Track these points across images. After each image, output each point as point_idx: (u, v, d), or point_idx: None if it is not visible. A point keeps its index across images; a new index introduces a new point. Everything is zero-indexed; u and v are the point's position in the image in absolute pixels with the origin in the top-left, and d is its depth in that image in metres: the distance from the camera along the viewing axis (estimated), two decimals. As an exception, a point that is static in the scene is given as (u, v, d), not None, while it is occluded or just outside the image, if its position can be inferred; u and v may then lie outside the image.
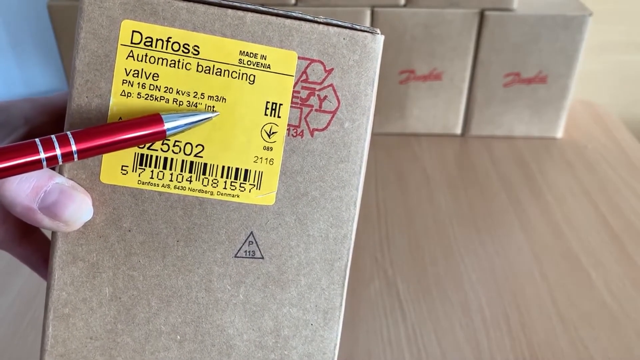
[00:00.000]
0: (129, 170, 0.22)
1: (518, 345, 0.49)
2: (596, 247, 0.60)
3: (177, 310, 0.24)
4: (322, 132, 0.23)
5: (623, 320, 0.51)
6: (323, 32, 0.23)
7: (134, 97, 0.22)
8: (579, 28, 0.71)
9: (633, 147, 0.79)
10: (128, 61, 0.22)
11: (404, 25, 0.72)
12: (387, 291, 0.54)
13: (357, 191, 0.24)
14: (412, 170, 0.73)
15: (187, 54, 0.22)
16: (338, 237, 0.24)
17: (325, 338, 0.25)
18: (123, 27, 0.22)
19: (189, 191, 0.23)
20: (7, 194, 0.20)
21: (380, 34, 0.24)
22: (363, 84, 0.24)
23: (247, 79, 0.22)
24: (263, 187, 0.23)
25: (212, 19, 0.22)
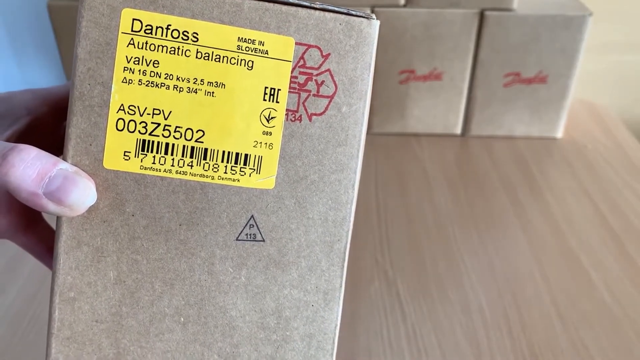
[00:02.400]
0: (132, 155, 0.23)
1: (518, 345, 0.49)
2: (596, 247, 0.60)
3: (181, 292, 0.24)
4: (320, 117, 0.24)
5: (623, 320, 0.51)
6: (320, 17, 0.23)
7: (135, 83, 0.22)
8: (579, 28, 0.71)
9: (633, 147, 0.79)
10: (129, 49, 0.22)
11: (404, 25, 0.72)
12: (387, 291, 0.54)
13: (355, 174, 0.24)
14: (412, 170, 0.73)
15: (186, 41, 0.22)
16: (337, 220, 0.25)
17: (325, 319, 0.25)
18: (123, 15, 0.22)
19: (191, 176, 0.23)
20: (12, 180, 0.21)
21: (376, 19, 0.24)
22: (360, 68, 0.24)
23: (246, 64, 0.23)
24: (263, 171, 0.24)
25: (211, 6, 0.22)
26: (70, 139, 0.23)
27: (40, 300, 0.53)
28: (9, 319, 0.51)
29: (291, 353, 0.25)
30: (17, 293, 0.54)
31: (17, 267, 0.57)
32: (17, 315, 0.51)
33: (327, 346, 0.25)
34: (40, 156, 0.22)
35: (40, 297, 0.53)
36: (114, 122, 0.23)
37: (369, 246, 0.60)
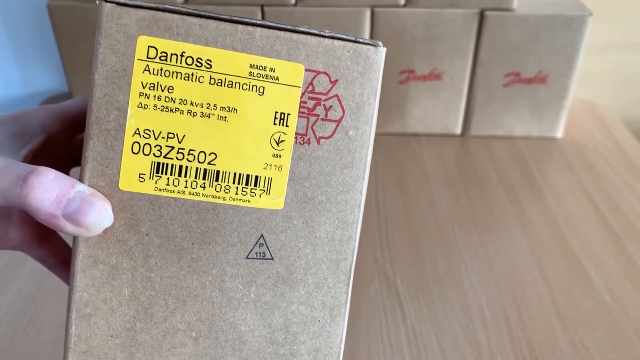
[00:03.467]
0: (146, 177, 0.24)
1: (518, 345, 0.49)
2: (596, 247, 0.60)
3: (193, 308, 0.25)
4: (327, 140, 0.25)
5: (623, 320, 0.51)
6: (328, 45, 0.24)
7: (151, 108, 0.23)
8: (579, 28, 0.71)
9: (633, 147, 0.79)
10: (144, 75, 0.23)
11: (404, 25, 0.72)
12: (387, 291, 0.54)
13: (361, 195, 0.25)
14: (412, 171, 0.73)
15: (200, 67, 0.23)
16: (343, 239, 0.25)
17: (331, 333, 0.26)
18: (139, 43, 0.23)
19: (203, 197, 0.24)
20: (32, 202, 0.22)
21: (382, 46, 0.25)
22: (366, 94, 0.25)
23: (257, 90, 0.24)
24: (272, 192, 0.24)
25: (224, 34, 0.23)
26: (87, 162, 0.23)
27: (40, 300, 0.53)
28: (9, 319, 0.51)
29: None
30: (17, 293, 0.54)
31: (17, 267, 0.57)
32: (17, 315, 0.51)
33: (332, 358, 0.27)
34: (59, 178, 0.22)
35: (40, 297, 0.53)
36: (129, 146, 0.23)
37: (369, 246, 0.60)
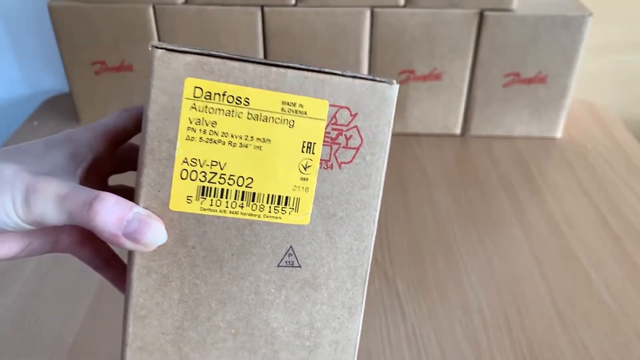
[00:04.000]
0: (193, 199, 0.27)
1: (518, 345, 0.49)
2: (596, 246, 0.60)
3: (232, 309, 0.29)
4: (348, 165, 0.28)
5: (622, 320, 0.51)
6: (349, 83, 0.27)
7: (197, 140, 0.27)
8: (579, 28, 0.72)
9: (633, 146, 0.79)
10: (191, 112, 0.26)
11: (404, 25, 0.72)
12: (387, 291, 0.54)
13: (376, 211, 0.29)
14: (412, 171, 0.73)
15: (239, 104, 0.27)
16: (360, 249, 0.30)
17: (349, 328, 0.31)
18: (187, 84, 0.26)
19: (241, 215, 0.28)
20: (97, 225, 0.26)
21: (396, 83, 0.28)
22: (382, 124, 0.28)
23: (288, 123, 0.27)
24: (300, 210, 0.28)
25: (260, 75, 0.26)
26: (142, 186, 0.27)
27: (41, 299, 0.53)
28: (10, 319, 0.51)
29: (321, 356, 0.30)
30: (19, 293, 0.54)
31: (18, 267, 0.57)
32: (18, 315, 0.51)
33: (350, 350, 0.31)
34: (119, 202, 0.26)
35: (41, 296, 0.53)
36: (178, 173, 0.27)
37: (369, 246, 0.60)
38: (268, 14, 0.72)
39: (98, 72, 0.78)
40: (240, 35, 0.74)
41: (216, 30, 0.74)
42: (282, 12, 0.72)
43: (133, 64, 0.77)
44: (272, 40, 0.74)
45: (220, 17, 0.73)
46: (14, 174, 0.27)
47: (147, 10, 0.73)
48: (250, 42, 0.74)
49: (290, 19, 0.72)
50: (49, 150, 0.30)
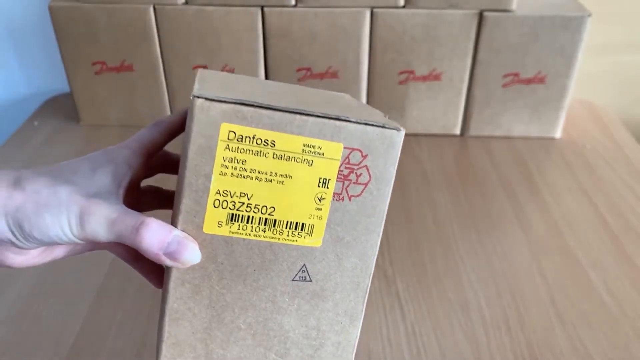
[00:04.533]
0: (223, 224, 0.32)
1: (517, 344, 0.49)
2: (595, 246, 0.60)
3: (252, 314, 0.34)
4: (357, 198, 0.33)
5: (621, 320, 0.51)
6: (362, 129, 0.31)
7: (229, 176, 0.31)
8: (578, 28, 0.72)
9: (632, 147, 0.79)
10: (225, 151, 0.30)
11: (403, 26, 0.73)
12: (387, 290, 0.54)
13: (379, 236, 0.34)
14: (412, 171, 0.73)
15: (266, 146, 0.31)
16: (363, 268, 0.34)
17: (350, 332, 0.36)
18: (222, 128, 0.30)
19: (263, 237, 0.33)
20: (143, 247, 0.31)
21: (403, 129, 0.32)
22: (388, 164, 0.32)
23: (307, 162, 0.32)
24: (314, 235, 0.33)
25: (285, 122, 0.30)
26: (181, 213, 0.31)
27: (40, 300, 0.53)
28: (10, 319, 0.51)
29: (325, 353, 0.36)
30: (19, 293, 0.54)
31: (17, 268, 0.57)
32: (18, 315, 0.51)
33: (350, 349, 0.36)
34: (161, 227, 0.31)
35: (40, 297, 0.53)
36: (212, 202, 0.31)
37: (369, 246, 0.60)
38: (268, 14, 0.72)
39: (98, 72, 0.78)
40: (240, 35, 0.74)
41: (216, 31, 0.74)
42: (282, 12, 0.72)
43: (133, 64, 0.77)
44: (272, 40, 0.74)
45: (220, 17, 0.73)
46: (68, 197, 0.32)
47: (148, 10, 0.73)
48: (250, 43, 0.75)
49: (290, 19, 0.73)
50: (94, 171, 0.34)
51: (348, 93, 0.78)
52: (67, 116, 0.85)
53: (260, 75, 0.77)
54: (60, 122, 0.84)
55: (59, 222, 0.31)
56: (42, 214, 0.31)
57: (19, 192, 0.32)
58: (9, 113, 0.97)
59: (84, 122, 0.83)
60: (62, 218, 0.31)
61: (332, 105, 0.34)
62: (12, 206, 0.31)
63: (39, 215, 0.31)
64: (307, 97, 0.36)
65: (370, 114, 0.34)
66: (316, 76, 0.77)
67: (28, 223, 0.31)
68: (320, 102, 0.35)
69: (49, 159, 0.75)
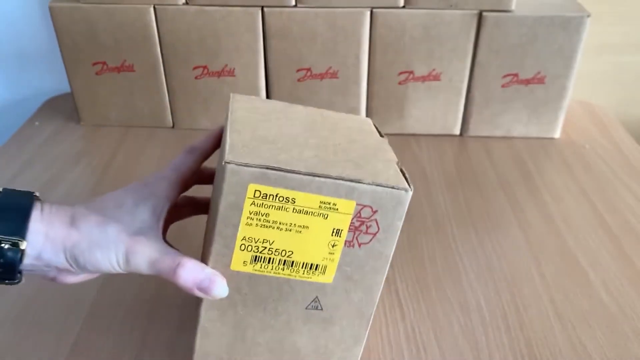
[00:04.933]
0: (248, 263, 0.37)
1: (516, 343, 0.49)
2: (594, 246, 0.60)
3: (270, 334, 0.40)
4: (366, 245, 0.37)
5: (620, 319, 0.52)
6: (373, 189, 0.35)
7: (254, 226, 0.36)
8: (577, 29, 0.72)
9: (630, 147, 0.79)
10: (251, 207, 0.35)
11: (403, 26, 0.73)
12: (387, 290, 0.54)
13: (383, 276, 0.38)
14: (411, 171, 0.73)
15: (287, 202, 0.35)
16: (368, 300, 0.39)
17: (353, 351, 0.41)
18: (250, 189, 0.34)
19: (282, 274, 0.37)
20: (180, 283, 0.37)
21: (411, 189, 0.36)
22: (396, 218, 0.36)
23: (323, 216, 0.35)
24: (326, 274, 0.37)
25: (304, 183, 0.34)
26: (212, 255, 0.37)
27: (40, 302, 0.53)
28: (10, 320, 0.51)
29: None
30: (19, 293, 0.54)
31: (18, 266, 0.57)
32: (18, 315, 0.52)
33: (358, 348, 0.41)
34: (195, 266, 0.37)
35: (40, 298, 0.54)
36: (238, 246, 0.36)
37: (369, 246, 0.60)
38: (268, 14, 0.73)
39: (99, 72, 0.78)
40: (240, 35, 0.74)
41: (216, 31, 0.74)
42: (282, 12, 0.72)
43: (134, 64, 0.77)
44: (272, 40, 0.74)
45: (221, 17, 0.73)
46: (116, 236, 0.37)
47: (148, 10, 0.73)
48: (250, 43, 0.75)
49: (290, 19, 0.73)
50: (137, 205, 0.38)
51: (348, 93, 0.78)
52: (67, 116, 0.85)
53: (261, 76, 0.77)
54: (60, 122, 0.84)
55: (108, 259, 0.37)
56: (94, 251, 0.36)
57: (75, 231, 0.37)
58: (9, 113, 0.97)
59: (84, 122, 0.84)
60: (110, 255, 0.37)
61: (352, 150, 0.38)
62: (70, 244, 0.36)
63: (92, 252, 0.36)
64: (331, 139, 0.39)
65: (385, 159, 0.38)
66: (316, 76, 0.77)
67: (82, 258, 0.37)
68: (343, 144, 0.39)
69: (50, 158, 0.75)
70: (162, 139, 0.80)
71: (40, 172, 0.72)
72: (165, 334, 0.49)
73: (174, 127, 0.83)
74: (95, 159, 0.76)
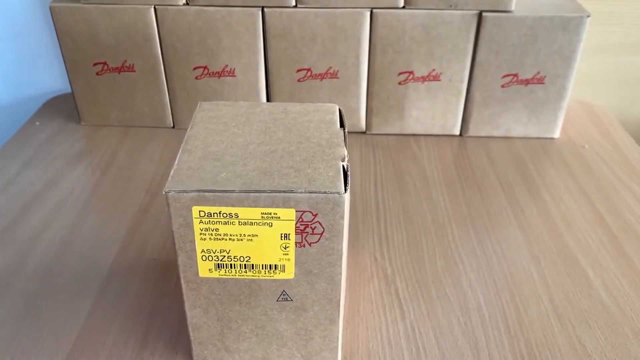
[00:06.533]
0: (213, 270, 0.40)
1: (516, 343, 0.49)
2: (593, 246, 0.60)
3: (252, 323, 0.44)
4: (315, 244, 0.39)
5: (620, 319, 0.52)
6: (309, 196, 0.37)
7: (207, 239, 0.39)
8: (577, 29, 0.72)
9: (630, 147, 0.79)
10: (200, 224, 0.38)
11: (403, 26, 0.73)
12: (386, 290, 0.55)
13: (341, 267, 0.40)
14: (411, 171, 0.73)
15: (231, 218, 0.38)
16: (333, 288, 0.41)
17: (332, 330, 0.44)
18: (193, 210, 0.38)
19: (246, 276, 0.41)
20: None
21: (346, 192, 0.37)
22: (337, 218, 0.38)
23: (268, 225, 0.38)
24: (286, 271, 0.40)
25: (241, 199, 0.37)
26: (180, 266, 0.40)
27: (41, 300, 0.53)
28: (10, 320, 0.51)
29: (314, 343, 0.44)
30: (19, 293, 0.54)
31: (19, 267, 0.57)
32: (18, 315, 0.52)
33: (334, 339, 0.44)
34: None
35: (41, 297, 0.54)
36: (200, 257, 0.40)
37: (369, 245, 0.60)
38: (268, 15, 0.73)
39: (99, 72, 0.79)
40: (240, 36, 0.74)
41: (217, 31, 0.74)
42: (282, 13, 0.73)
43: (134, 64, 0.77)
44: (272, 41, 0.75)
45: (221, 18, 0.73)
46: None
47: (149, 11, 0.73)
48: (250, 43, 0.75)
49: (290, 20, 0.73)
50: None
51: (348, 93, 0.78)
52: (68, 116, 0.86)
53: (261, 76, 0.77)
54: (61, 122, 0.84)
55: None
56: None
57: None
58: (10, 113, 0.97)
59: (85, 122, 0.84)
60: None
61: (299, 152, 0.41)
62: None
63: None
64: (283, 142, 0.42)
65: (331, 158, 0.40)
66: (316, 77, 0.77)
67: None
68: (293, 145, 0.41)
69: (50, 158, 0.75)
70: (162, 139, 0.80)
71: (40, 172, 0.72)
72: (166, 333, 0.50)
73: (174, 127, 0.83)
74: (95, 159, 0.76)
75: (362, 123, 0.81)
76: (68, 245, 0.60)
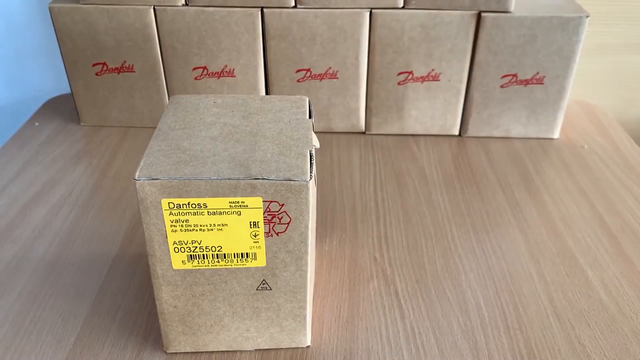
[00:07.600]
0: (186, 261, 0.41)
1: (515, 343, 0.49)
2: (593, 246, 0.60)
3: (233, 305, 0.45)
4: (283, 233, 0.40)
5: (619, 319, 0.52)
6: (274, 184, 0.38)
7: (178, 231, 0.40)
8: (576, 29, 0.72)
9: (629, 147, 0.79)
10: (170, 216, 0.39)
11: (402, 26, 0.73)
12: (386, 290, 0.55)
13: (307, 254, 0.42)
14: (411, 171, 0.73)
15: (200, 208, 0.39)
16: (301, 274, 0.43)
17: (301, 304, 0.45)
18: (163, 202, 0.38)
19: (219, 266, 0.42)
20: None
21: (310, 178, 0.38)
22: (302, 207, 0.39)
23: (236, 213, 0.39)
24: (258, 259, 0.42)
25: (208, 188, 0.38)
26: (154, 257, 0.41)
27: (41, 300, 0.53)
28: (10, 320, 0.51)
29: (287, 310, 0.45)
30: (19, 293, 0.54)
31: (19, 267, 0.57)
32: (18, 315, 0.52)
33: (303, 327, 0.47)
34: None
35: (41, 297, 0.54)
36: (172, 249, 0.41)
37: (368, 245, 0.60)
38: (268, 15, 0.73)
39: (99, 73, 0.79)
40: (240, 36, 0.74)
41: (216, 32, 0.74)
42: (281, 13, 0.73)
43: (134, 65, 0.77)
44: (271, 41, 0.75)
45: (220, 18, 0.73)
46: None
47: (148, 11, 0.73)
48: (250, 44, 0.75)
49: (290, 20, 0.73)
50: None
51: (347, 93, 0.78)
52: (67, 117, 0.86)
53: (260, 77, 0.78)
54: (60, 122, 0.84)
55: None
56: None
57: None
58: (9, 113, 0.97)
59: (84, 123, 0.84)
60: None
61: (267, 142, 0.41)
62: None
63: None
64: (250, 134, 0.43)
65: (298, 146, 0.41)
66: (316, 77, 0.77)
67: None
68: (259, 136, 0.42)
69: (50, 159, 0.75)
70: (162, 140, 0.80)
71: (40, 172, 0.72)
72: (165, 334, 0.50)
73: (174, 127, 0.83)
74: (95, 159, 0.76)
75: (362, 123, 0.81)
76: (68, 245, 0.60)
